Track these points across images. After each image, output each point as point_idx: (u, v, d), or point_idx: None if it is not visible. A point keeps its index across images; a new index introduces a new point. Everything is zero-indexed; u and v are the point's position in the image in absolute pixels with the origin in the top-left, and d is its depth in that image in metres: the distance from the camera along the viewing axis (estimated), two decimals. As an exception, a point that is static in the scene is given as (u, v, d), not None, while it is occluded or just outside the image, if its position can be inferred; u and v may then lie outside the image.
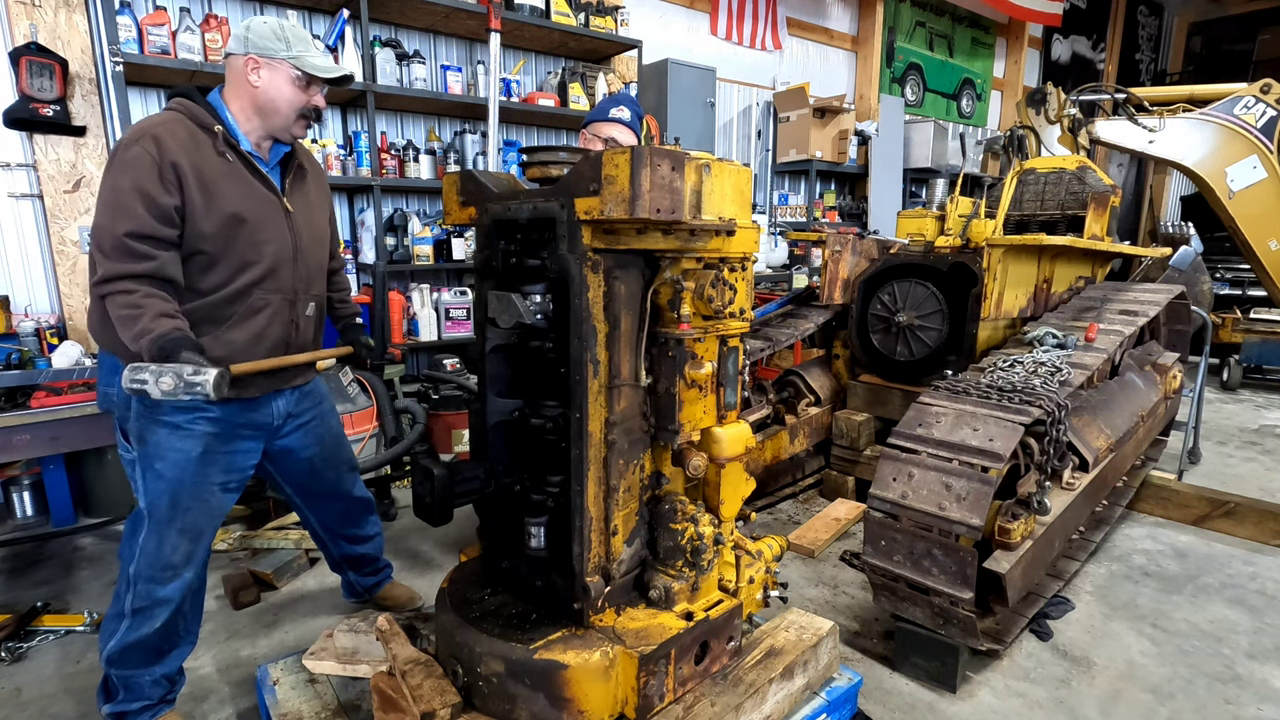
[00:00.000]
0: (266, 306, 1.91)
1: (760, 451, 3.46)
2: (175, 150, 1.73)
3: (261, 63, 1.85)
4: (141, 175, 1.69)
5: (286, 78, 1.86)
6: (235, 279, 1.84)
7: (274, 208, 1.91)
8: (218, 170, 1.80)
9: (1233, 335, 6.43)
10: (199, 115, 1.82)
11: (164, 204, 1.71)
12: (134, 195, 1.68)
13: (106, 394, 1.87)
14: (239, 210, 1.82)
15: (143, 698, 1.93)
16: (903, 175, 7.43)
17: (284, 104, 1.88)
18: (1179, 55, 12.26)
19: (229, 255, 1.82)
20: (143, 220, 1.68)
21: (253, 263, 1.86)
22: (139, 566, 1.85)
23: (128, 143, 1.72)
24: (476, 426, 1.83)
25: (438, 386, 4.22)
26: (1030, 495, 2.35)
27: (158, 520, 1.84)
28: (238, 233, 1.82)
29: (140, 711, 1.93)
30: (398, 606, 2.58)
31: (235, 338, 1.86)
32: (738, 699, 1.68)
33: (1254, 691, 2.24)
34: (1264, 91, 5.22)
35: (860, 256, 3.81)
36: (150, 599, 1.86)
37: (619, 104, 2.77)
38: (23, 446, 2.63)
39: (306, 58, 1.87)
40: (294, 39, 1.86)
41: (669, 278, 1.64)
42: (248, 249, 1.85)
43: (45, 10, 3.41)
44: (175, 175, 1.73)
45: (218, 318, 1.84)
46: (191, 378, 1.53)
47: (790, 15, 7.03)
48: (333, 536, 2.44)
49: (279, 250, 1.91)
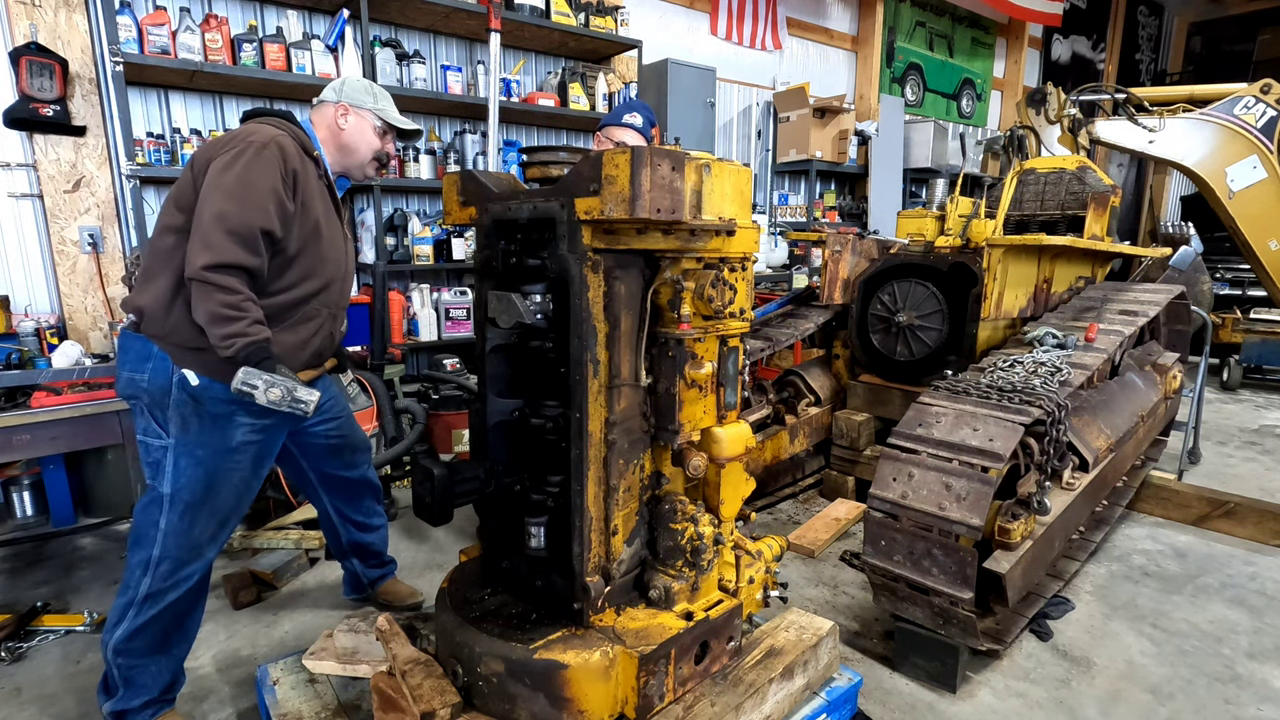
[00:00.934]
0: (317, 316, 2.06)
1: (760, 451, 3.46)
2: (295, 161, 1.92)
3: (351, 110, 2.12)
4: (274, 176, 1.84)
5: (370, 125, 2.14)
6: (300, 286, 1.98)
7: (339, 232, 2.12)
8: (314, 190, 2.00)
9: (1233, 335, 6.43)
10: (302, 139, 2.02)
11: (288, 208, 1.88)
12: (268, 193, 1.82)
13: (133, 380, 1.87)
14: (321, 224, 2.01)
15: (144, 693, 1.93)
16: (903, 175, 7.43)
17: (365, 146, 2.15)
18: (1179, 55, 12.26)
19: (300, 263, 1.96)
20: (272, 218, 1.83)
21: (317, 275, 2.02)
22: (165, 548, 1.88)
23: (258, 145, 1.84)
24: (476, 426, 1.83)
25: (438, 386, 4.22)
26: (1030, 495, 2.35)
27: (189, 503, 1.88)
28: (314, 247, 1.99)
29: (141, 709, 1.93)
30: (398, 603, 2.60)
31: (287, 339, 1.97)
32: (738, 699, 1.68)
33: (1254, 691, 2.24)
34: (1264, 91, 5.22)
35: (860, 256, 3.81)
36: (172, 579, 1.89)
37: (633, 110, 2.85)
38: (23, 446, 2.63)
39: (388, 111, 2.16)
40: (380, 95, 2.16)
41: (669, 278, 1.64)
42: (316, 262, 2.01)
43: (45, 10, 3.41)
44: (294, 181, 1.90)
45: (278, 318, 1.94)
46: (300, 395, 1.73)
47: (790, 15, 7.03)
48: (344, 521, 2.50)
49: (336, 269, 2.09)
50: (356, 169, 2.18)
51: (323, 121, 2.12)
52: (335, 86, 2.14)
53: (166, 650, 1.95)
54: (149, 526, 1.88)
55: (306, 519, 3.22)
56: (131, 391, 1.89)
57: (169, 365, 1.83)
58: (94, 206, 3.63)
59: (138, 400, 1.89)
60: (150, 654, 1.92)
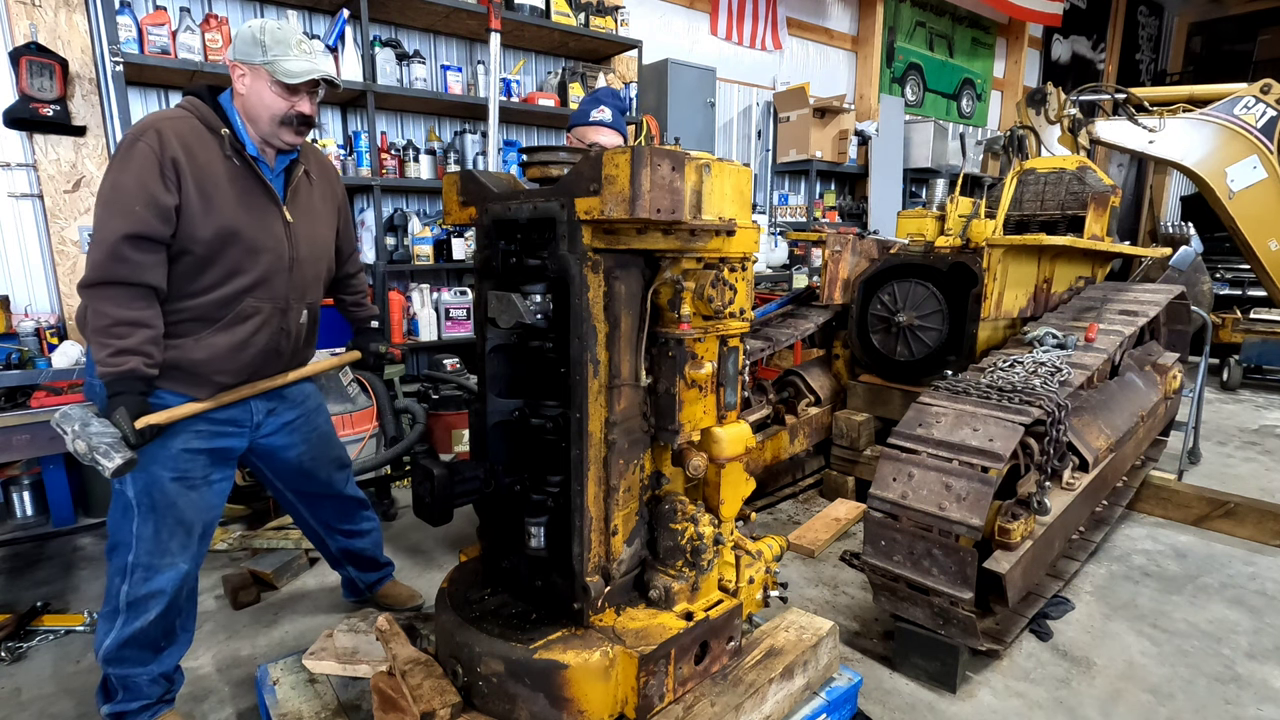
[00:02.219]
0: (256, 314, 1.89)
1: (760, 451, 3.46)
2: (176, 147, 1.72)
3: (244, 69, 1.83)
4: (144, 171, 1.67)
5: (265, 84, 1.82)
6: (225, 285, 1.82)
7: (273, 217, 1.90)
8: (220, 174, 1.78)
9: (1233, 335, 6.43)
10: (207, 116, 1.81)
11: (164, 202, 1.69)
12: (135, 193, 1.66)
13: (92, 385, 1.84)
14: (235, 219, 1.80)
15: (141, 697, 1.92)
16: (903, 175, 7.43)
17: (264, 110, 1.84)
18: (1179, 55, 12.26)
19: (221, 262, 1.80)
20: (141, 219, 1.66)
21: (245, 271, 1.84)
22: (137, 555, 1.84)
23: (131, 138, 1.70)
24: (476, 426, 1.83)
25: (438, 386, 4.22)
26: (1030, 495, 2.35)
27: (149, 509, 1.84)
28: (232, 241, 1.80)
29: (139, 711, 1.92)
30: (399, 605, 2.59)
31: (219, 342, 1.84)
32: (738, 699, 1.68)
33: (1254, 691, 2.24)
34: (1264, 92, 5.22)
35: (860, 256, 3.81)
36: (147, 586, 1.85)
37: (598, 104, 2.65)
38: (23, 446, 2.63)
39: (280, 63, 1.80)
40: (272, 43, 1.80)
41: (669, 278, 1.64)
42: (242, 257, 1.82)
43: (45, 10, 3.41)
44: (175, 172, 1.71)
45: (205, 319, 1.82)
46: (99, 457, 1.58)
47: (790, 15, 7.03)
48: (329, 531, 2.44)
49: (273, 260, 1.89)
50: (271, 137, 1.87)
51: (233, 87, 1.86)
52: (233, 41, 1.85)
53: (158, 655, 1.92)
54: (123, 533, 1.85)
55: (306, 519, 3.22)
56: (90, 396, 1.86)
57: None
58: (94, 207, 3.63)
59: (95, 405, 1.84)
60: (143, 662, 1.90)
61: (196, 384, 1.85)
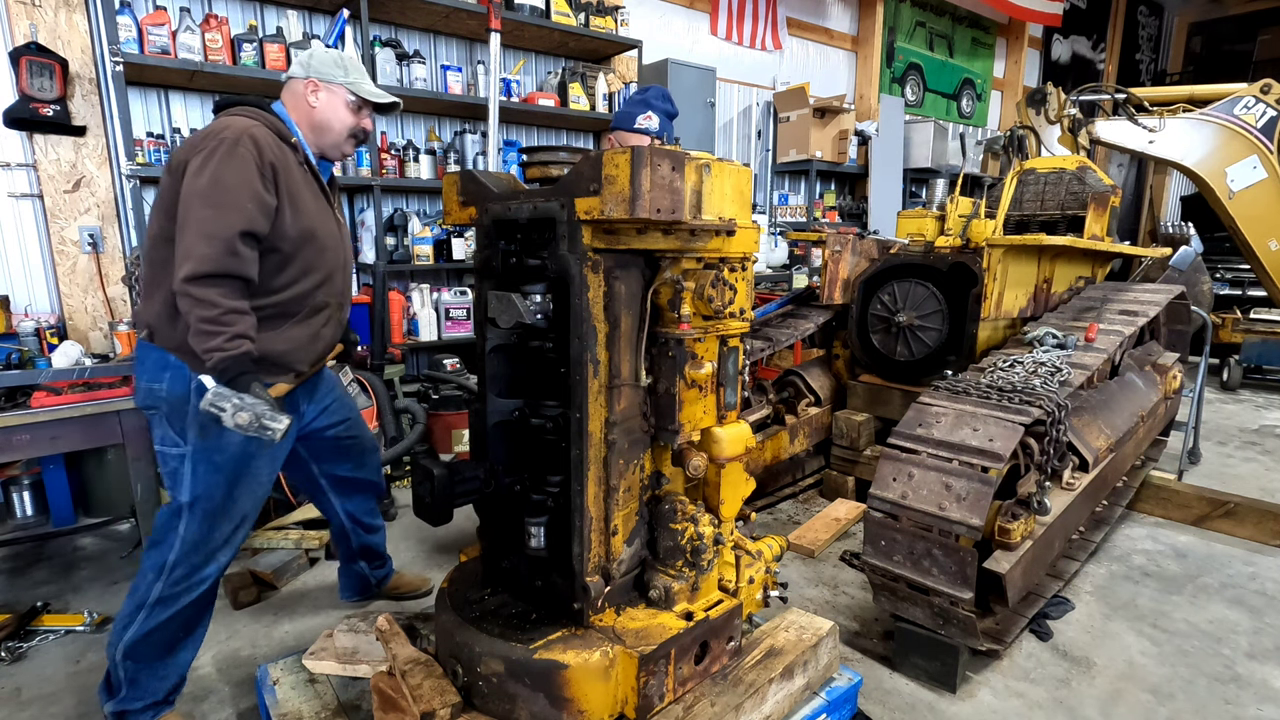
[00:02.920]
0: (325, 308, 2.03)
1: (760, 451, 3.46)
2: (272, 153, 1.83)
3: (321, 86, 2.00)
4: (250, 173, 1.76)
5: (342, 101, 2.01)
6: (302, 280, 1.94)
7: (332, 219, 2.05)
8: (298, 179, 1.92)
9: (1233, 335, 6.43)
10: (278, 127, 1.92)
11: (268, 202, 1.80)
12: (245, 192, 1.74)
13: (152, 389, 1.86)
14: (312, 220, 1.94)
15: (146, 696, 1.93)
16: (903, 175, 7.43)
17: (338, 124, 2.03)
18: (1179, 55, 12.26)
19: (299, 259, 1.91)
20: (252, 217, 1.75)
21: (317, 268, 1.97)
22: (180, 554, 1.88)
23: (229, 142, 1.75)
24: (476, 426, 1.83)
25: (438, 386, 4.22)
26: (1030, 495, 2.35)
27: (208, 510, 1.88)
28: (309, 240, 1.92)
29: (142, 710, 1.93)
30: (412, 591, 2.70)
31: (298, 335, 1.96)
32: (738, 699, 1.68)
33: (1254, 691, 2.24)
34: (1264, 92, 5.22)
35: (860, 256, 3.81)
36: (184, 584, 1.90)
37: (647, 108, 2.54)
38: (23, 446, 2.62)
39: (362, 84, 2.03)
40: (351, 67, 2.03)
41: (669, 278, 1.64)
42: (315, 255, 1.95)
43: (45, 10, 3.41)
44: (272, 175, 1.82)
45: (286, 314, 1.93)
46: (267, 421, 1.64)
47: (790, 15, 7.03)
48: (355, 525, 2.50)
49: (336, 258, 2.04)
50: (333, 149, 2.06)
51: (293, 101, 2.01)
52: (302, 61, 2.01)
53: (173, 654, 1.95)
54: (168, 532, 1.88)
55: (306, 519, 3.22)
56: (150, 401, 1.87)
57: (186, 373, 1.82)
58: (94, 206, 3.63)
59: (156, 410, 1.87)
60: (157, 658, 1.92)
61: (279, 373, 1.94)
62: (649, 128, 2.52)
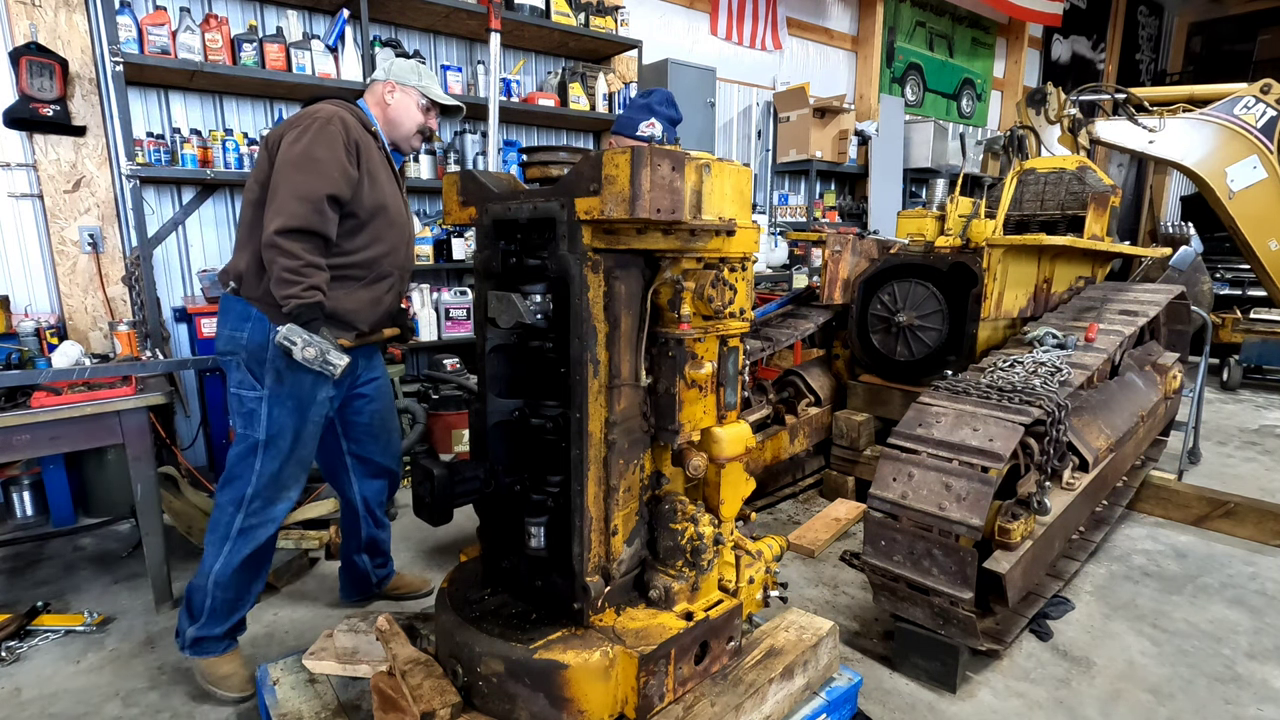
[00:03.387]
0: (389, 276, 2.26)
1: (760, 451, 3.46)
2: (357, 134, 2.11)
3: (397, 88, 2.28)
4: (338, 148, 2.02)
5: (415, 101, 2.30)
6: (371, 247, 2.18)
7: (400, 200, 2.30)
8: (377, 159, 2.19)
9: (1233, 335, 6.43)
10: (362, 117, 2.21)
11: (351, 174, 2.06)
12: (333, 163, 2.00)
13: (234, 337, 2.09)
14: (386, 195, 2.20)
15: (225, 622, 2.17)
16: (903, 175, 7.43)
17: (409, 121, 2.31)
18: (1179, 55, 12.26)
19: (371, 228, 2.16)
20: (338, 184, 2.01)
21: (385, 239, 2.21)
22: (258, 487, 2.11)
23: (322, 121, 2.02)
24: (476, 426, 1.83)
25: (438, 386, 4.22)
26: (1030, 495, 2.35)
27: (280, 448, 2.11)
28: (381, 213, 2.18)
29: (221, 638, 2.18)
30: (412, 592, 2.74)
31: (364, 296, 2.20)
32: (738, 699, 1.68)
33: (1254, 691, 2.24)
34: (1264, 91, 5.22)
35: (860, 256, 3.81)
36: (261, 516, 2.13)
37: (650, 114, 2.52)
38: (23, 446, 2.62)
39: (431, 88, 2.32)
40: (424, 74, 2.32)
41: (669, 278, 1.64)
42: (385, 227, 2.20)
43: (45, 10, 3.41)
44: (356, 152, 2.08)
45: (354, 277, 2.16)
46: (331, 358, 1.91)
47: (790, 15, 7.03)
48: (368, 514, 2.57)
49: (401, 232, 2.28)
50: (404, 141, 2.33)
51: (374, 99, 2.30)
52: (384, 66, 2.32)
53: (251, 585, 2.20)
54: (244, 469, 2.10)
55: (307, 519, 3.22)
56: (231, 347, 2.10)
57: (267, 324, 2.04)
58: (94, 206, 3.63)
59: (235, 355, 2.10)
60: (243, 586, 2.17)
61: (346, 329, 2.17)
62: (651, 135, 2.49)
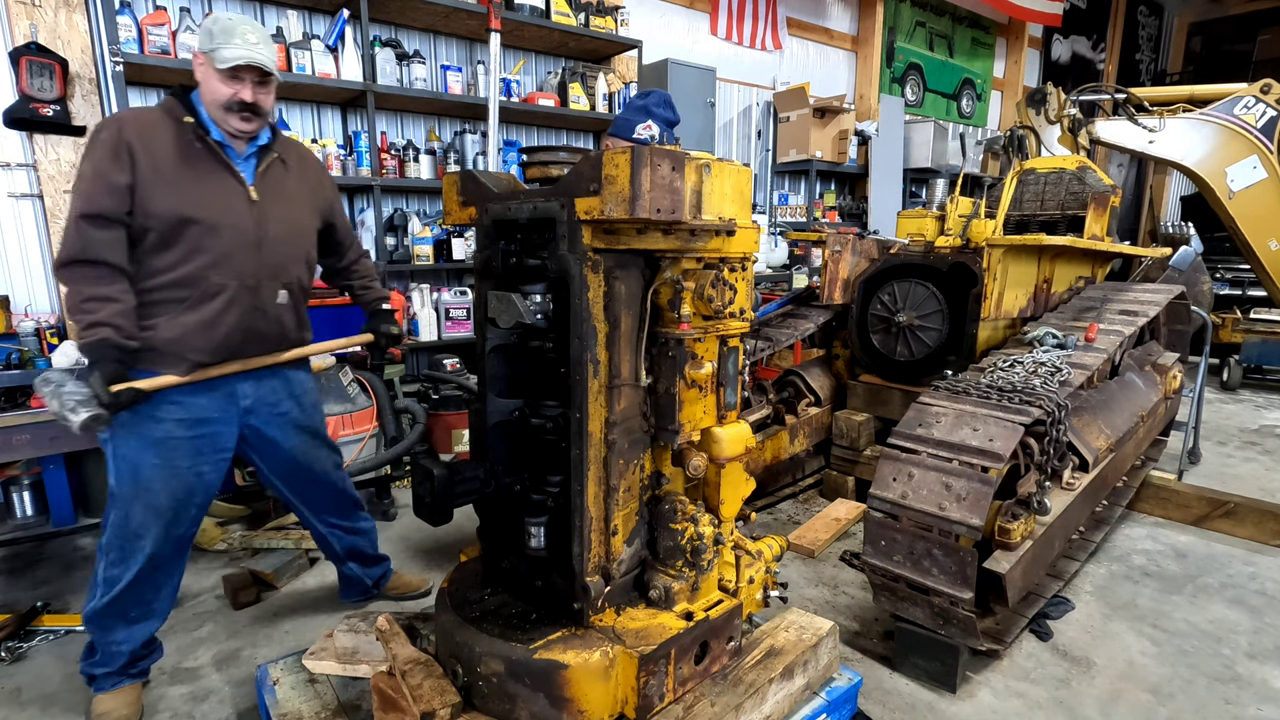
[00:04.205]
0: (222, 291, 1.94)
1: (760, 451, 3.46)
2: (132, 133, 1.83)
3: (201, 58, 1.91)
4: (100, 158, 1.81)
5: (211, 72, 1.89)
6: (188, 262, 1.89)
7: (236, 196, 1.97)
8: (175, 156, 1.88)
9: (1233, 335, 6.43)
10: (173, 108, 1.93)
11: (115, 181, 1.80)
12: (92, 178, 1.80)
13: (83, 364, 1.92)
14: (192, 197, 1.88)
15: (112, 664, 2.06)
16: (903, 175, 7.43)
17: (210, 96, 1.92)
18: (1179, 55, 12.26)
19: (183, 240, 1.88)
20: (93, 199, 1.78)
21: (205, 249, 1.90)
22: (109, 538, 1.99)
23: (95, 129, 1.85)
24: (476, 426, 1.83)
25: (438, 386, 4.22)
26: (1030, 495, 2.35)
27: (122, 497, 1.95)
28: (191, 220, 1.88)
29: (107, 676, 2.07)
30: (411, 591, 2.70)
31: (189, 320, 1.91)
32: (738, 699, 1.68)
33: (1254, 691, 2.24)
34: (1264, 91, 5.22)
35: (860, 256, 3.81)
36: (119, 567, 1.99)
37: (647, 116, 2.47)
38: (23, 446, 2.63)
39: (220, 50, 1.85)
40: (218, 32, 1.87)
41: (669, 278, 1.64)
42: (202, 235, 1.90)
43: (45, 10, 3.40)
44: (129, 154, 1.81)
45: (173, 299, 1.90)
46: (67, 412, 1.70)
47: (790, 15, 7.03)
48: (330, 529, 2.48)
49: (235, 237, 1.95)
50: (222, 122, 1.94)
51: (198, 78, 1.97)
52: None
53: (130, 626, 2.06)
54: (105, 516, 2.00)
55: (306, 519, 3.22)
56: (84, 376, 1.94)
57: None
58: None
59: None
60: (115, 628, 2.04)
61: (172, 363, 1.91)
62: (648, 138, 2.46)
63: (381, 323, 2.45)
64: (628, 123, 2.49)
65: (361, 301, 2.53)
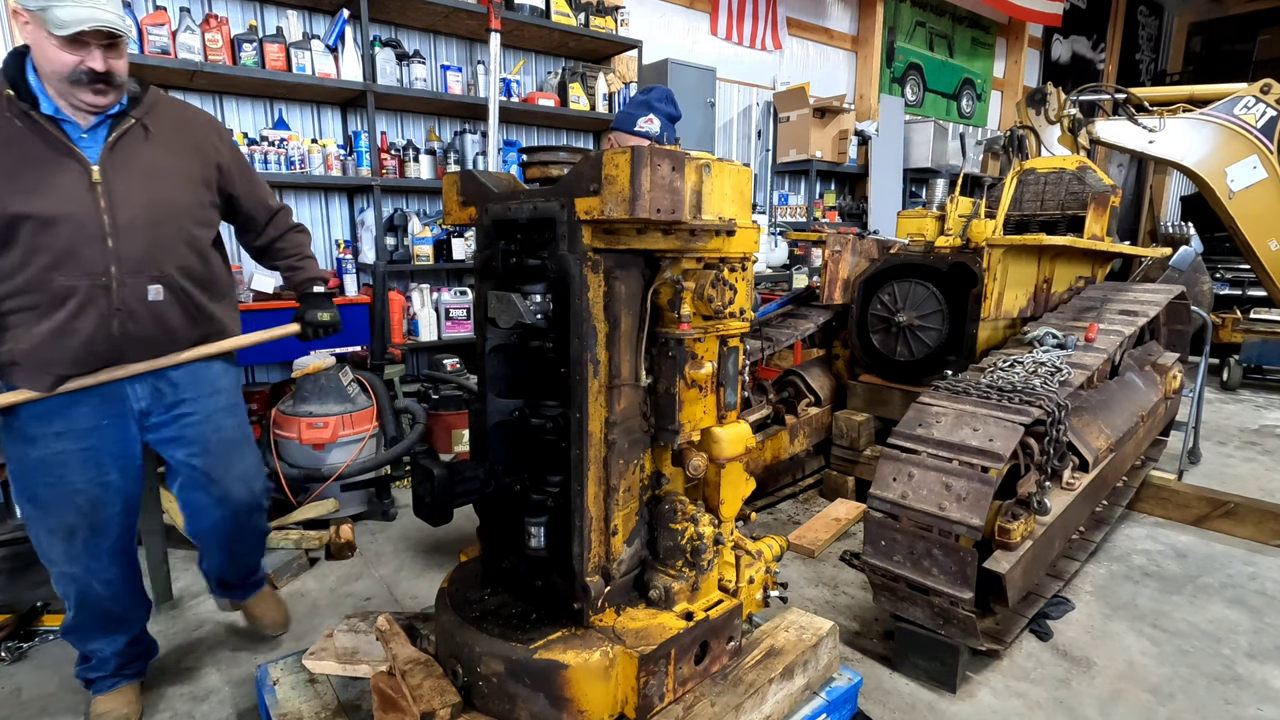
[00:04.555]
0: (71, 295, 1.67)
1: (760, 451, 3.46)
2: None
3: (26, 16, 1.55)
4: None
5: (44, 35, 1.56)
6: (27, 266, 1.64)
7: (73, 179, 1.66)
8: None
9: (1233, 335, 6.43)
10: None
11: None
12: None
13: None
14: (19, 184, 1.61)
15: (102, 668, 2.05)
16: (903, 175, 7.43)
17: (48, 67, 1.60)
18: (1179, 55, 12.26)
19: (19, 241, 1.63)
20: None
21: (43, 247, 1.63)
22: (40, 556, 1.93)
23: None
24: (476, 426, 1.83)
25: (438, 386, 4.22)
26: (1030, 495, 2.35)
27: (29, 520, 1.87)
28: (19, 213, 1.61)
29: (101, 680, 2.06)
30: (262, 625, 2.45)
31: (42, 330, 1.68)
32: (738, 699, 1.68)
33: (1254, 691, 2.24)
34: (1264, 91, 5.22)
35: (860, 256, 3.81)
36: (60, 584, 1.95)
37: (649, 110, 2.46)
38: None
39: (52, 10, 1.51)
40: None
41: (669, 278, 1.64)
42: (36, 232, 1.62)
43: (45, 10, 3.40)
44: None
45: (24, 308, 1.68)
46: None
47: (790, 15, 7.03)
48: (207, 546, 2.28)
49: (75, 229, 1.66)
50: (68, 97, 1.63)
51: None
52: None
53: (105, 635, 2.02)
54: None
55: (306, 519, 3.22)
56: None
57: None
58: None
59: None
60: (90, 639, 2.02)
61: (32, 377, 1.71)
62: (649, 131, 2.46)
63: (309, 308, 2.11)
64: (630, 116, 2.52)
65: (290, 285, 2.21)
